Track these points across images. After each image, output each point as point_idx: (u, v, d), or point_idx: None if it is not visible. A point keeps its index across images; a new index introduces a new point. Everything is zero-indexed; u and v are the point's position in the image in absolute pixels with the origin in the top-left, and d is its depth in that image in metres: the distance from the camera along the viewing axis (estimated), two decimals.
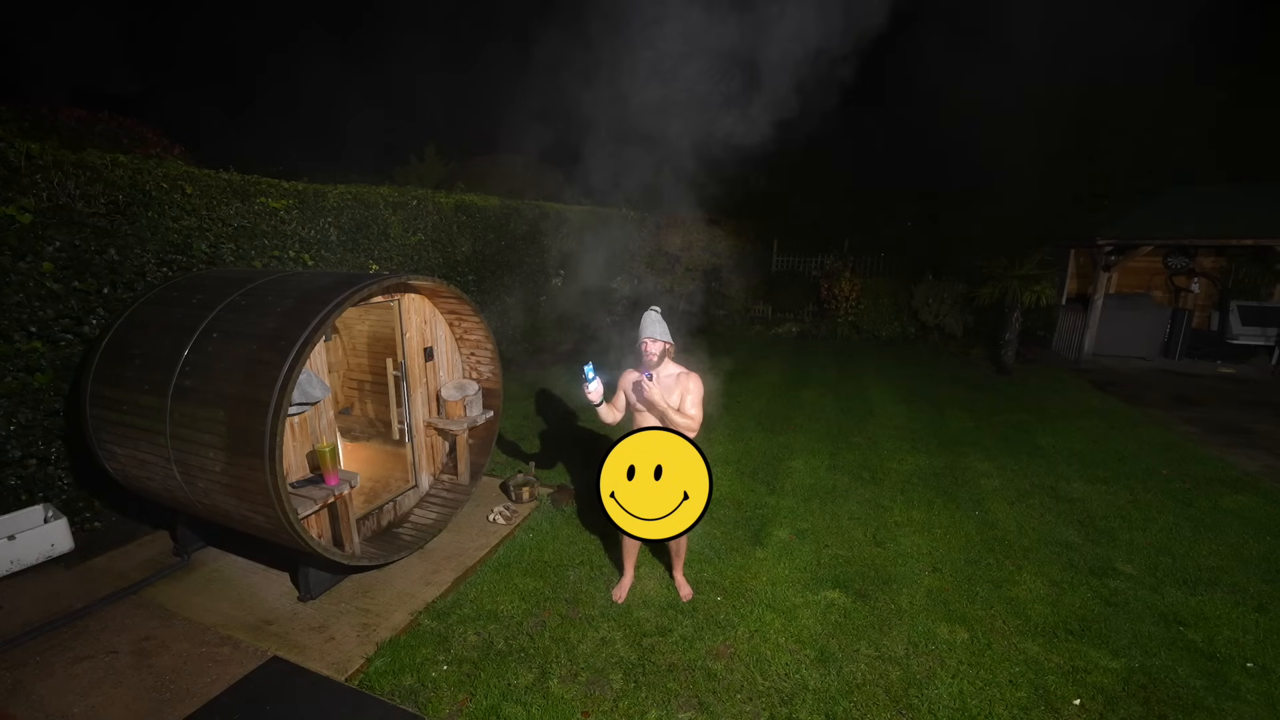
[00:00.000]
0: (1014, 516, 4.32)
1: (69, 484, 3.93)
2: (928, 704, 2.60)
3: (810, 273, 12.46)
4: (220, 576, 3.55)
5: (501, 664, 2.83)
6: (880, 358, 9.81)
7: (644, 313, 3.05)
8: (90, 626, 3.07)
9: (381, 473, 4.45)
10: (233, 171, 4.84)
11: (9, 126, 4.48)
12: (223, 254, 4.57)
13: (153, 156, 5.26)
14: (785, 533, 4.07)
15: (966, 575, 3.59)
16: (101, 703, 2.57)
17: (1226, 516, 4.32)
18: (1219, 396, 7.60)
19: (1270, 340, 9.18)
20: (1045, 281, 8.88)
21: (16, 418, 3.58)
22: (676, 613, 3.21)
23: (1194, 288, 10.01)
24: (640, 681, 2.72)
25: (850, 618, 3.18)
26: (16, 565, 3.44)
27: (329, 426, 3.42)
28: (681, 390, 2.99)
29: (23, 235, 3.48)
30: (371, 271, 5.21)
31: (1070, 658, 2.89)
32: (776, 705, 2.60)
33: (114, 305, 3.88)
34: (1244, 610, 3.25)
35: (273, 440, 2.65)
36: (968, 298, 10.27)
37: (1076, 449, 5.66)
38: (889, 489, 4.78)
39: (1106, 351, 9.64)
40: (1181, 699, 2.63)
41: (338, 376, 5.33)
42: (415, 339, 4.05)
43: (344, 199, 5.67)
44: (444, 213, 6.94)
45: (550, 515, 4.28)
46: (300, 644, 2.96)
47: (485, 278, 7.68)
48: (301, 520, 2.87)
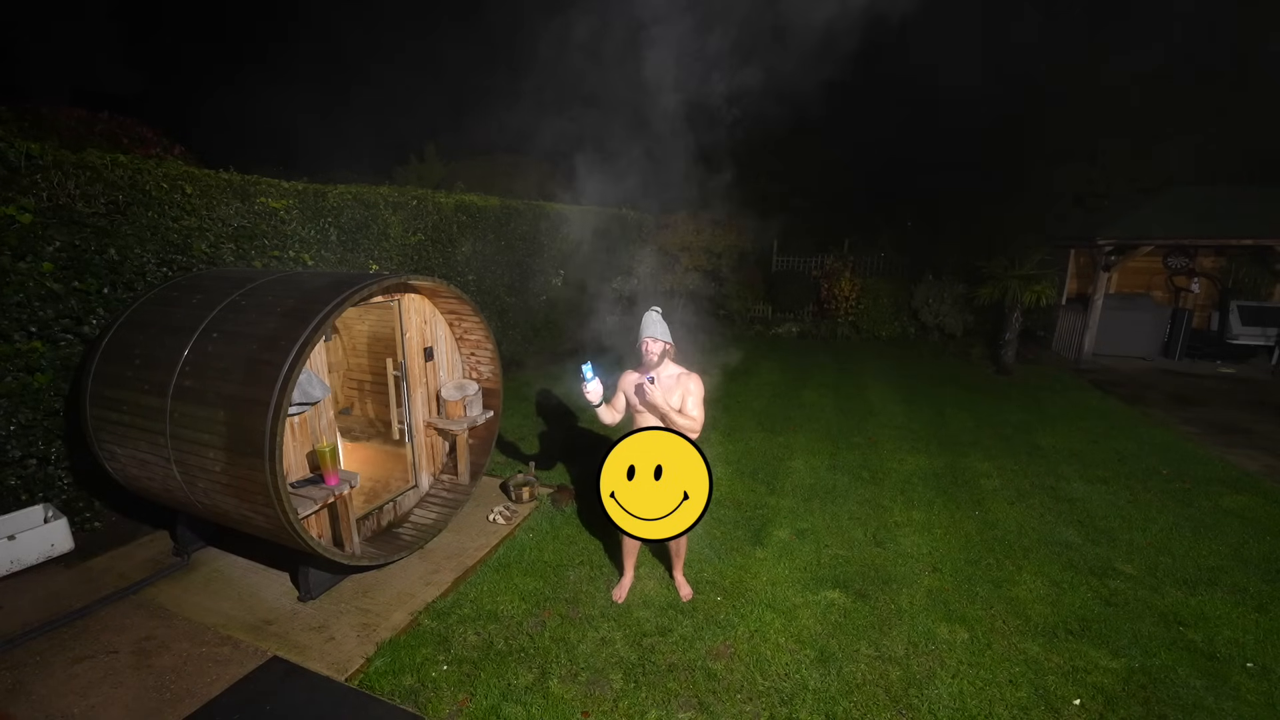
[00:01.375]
0: (1014, 516, 4.32)
1: (69, 484, 3.93)
2: (928, 704, 2.60)
3: (810, 273, 12.46)
4: (220, 576, 3.55)
5: (501, 664, 2.83)
6: (880, 358, 9.81)
7: (644, 313, 3.04)
8: (90, 626, 3.07)
9: (381, 473, 4.45)
10: (233, 171, 4.84)
11: (9, 126, 4.48)
12: (223, 254, 4.57)
13: (153, 156, 5.26)
14: (785, 533, 4.07)
15: (966, 575, 3.59)
16: (101, 703, 2.57)
17: (1226, 516, 4.32)
18: (1219, 396, 7.60)
19: (1270, 340, 9.18)
20: (1045, 281, 8.88)
21: (16, 418, 3.58)
22: (676, 613, 3.21)
23: (1194, 288, 10.01)
24: (640, 681, 2.72)
25: (850, 618, 3.18)
26: (16, 565, 3.44)
27: (329, 426, 3.42)
28: (683, 391, 2.99)
29: (23, 235, 3.48)
30: (371, 271, 5.21)
31: (1070, 658, 2.89)
32: (776, 705, 2.60)
33: (114, 305, 3.87)
34: (1244, 610, 3.25)
35: (273, 440, 2.65)
36: (968, 298, 10.27)
37: (1076, 449, 5.66)
38: (889, 489, 4.78)
39: (1106, 351, 9.63)
40: (1181, 699, 2.64)
41: (338, 376, 5.33)
42: (415, 339, 4.05)
43: (344, 199, 5.67)
44: (444, 213, 6.94)
45: (550, 515, 4.28)
46: (300, 644, 2.96)
47: (485, 278, 7.67)
48: (301, 520, 2.87)
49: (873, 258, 12.37)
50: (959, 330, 10.67)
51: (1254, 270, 9.64)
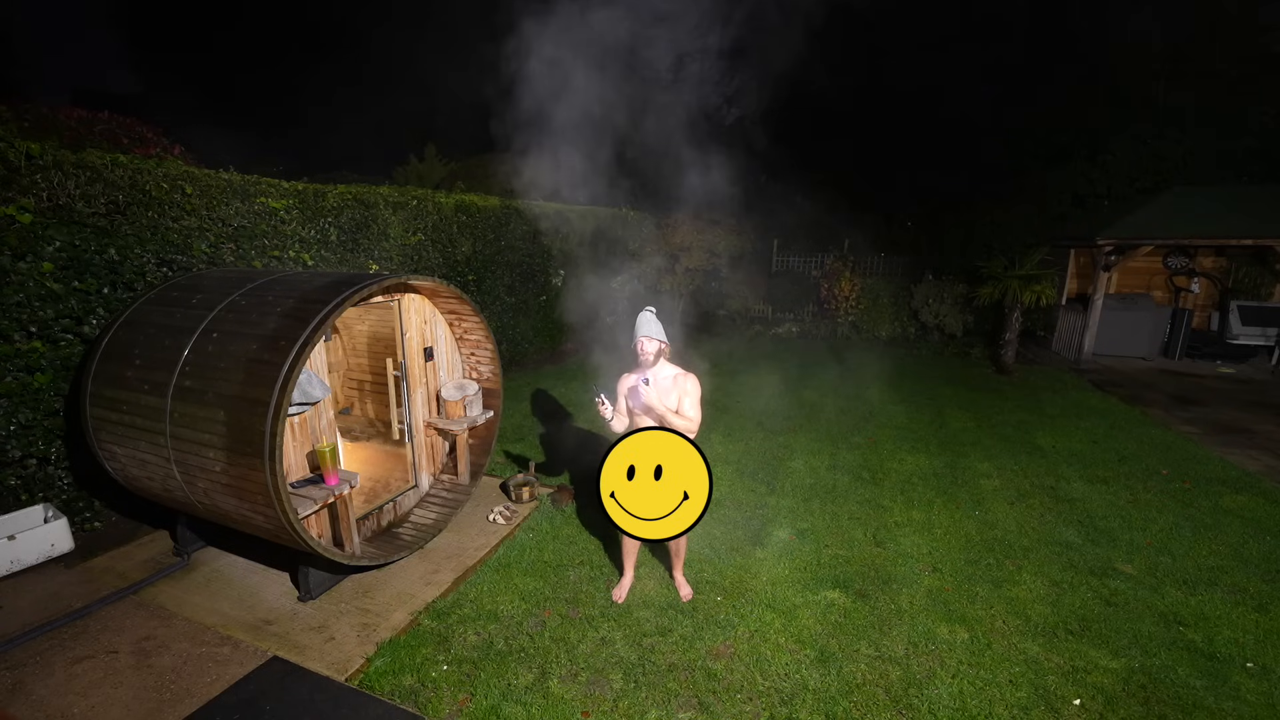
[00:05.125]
0: (1014, 516, 4.32)
1: (69, 484, 3.93)
2: (928, 704, 2.60)
3: (810, 273, 12.45)
4: (220, 576, 3.55)
5: (501, 664, 2.83)
6: (880, 358, 9.80)
7: (639, 313, 3.04)
8: (90, 626, 3.07)
9: (381, 473, 4.45)
10: (233, 171, 4.84)
11: (9, 126, 4.47)
12: (223, 254, 4.57)
13: (153, 156, 5.25)
14: (785, 533, 4.07)
15: (966, 575, 3.59)
16: (101, 703, 2.57)
17: (1226, 516, 4.32)
18: (1219, 396, 7.60)
19: (1270, 340, 9.18)
20: (1045, 281, 8.88)
21: (16, 418, 3.58)
22: (676, 613, 3.21)
23: (1194, 288, 10.01)
24: (640, 681, 2.72)
25: (850, 618, 3.18)
26: (16, 565, 3.45)
27: (329, 426, 3.42)
28: (679, 392, 2.99)
29: (23, 235, 3.48)
30: (371, 271, 5.21)
31: (1070, 658, 2.89)
32: (776, 705, 2.60)
33: (114, 305, 3.88)
34: (1244, 610, 3.25)
35: (273, 440, 2.65)
36: (968, 298, 10.27)
37: (1076, 449, 5.66)
38: (889, 489, 4.78)
39: (1106, 351, 9.63)
40: (1181, 699, 2.63)
41: (338, 376, 5.33)
42: (415, 339, 4.05)
43: (344, 199, 5.67)
44: (444, 213, 6.94)
45: (550, 515, 4.28)
46: (300, 644, 2.96)
47: (485, 278, 7.68)
48: (301, 520, 2.87)
49: (873, 258, 12.37)
50: (959, 330, 10.67)
51: (1254, 270, 9.64)
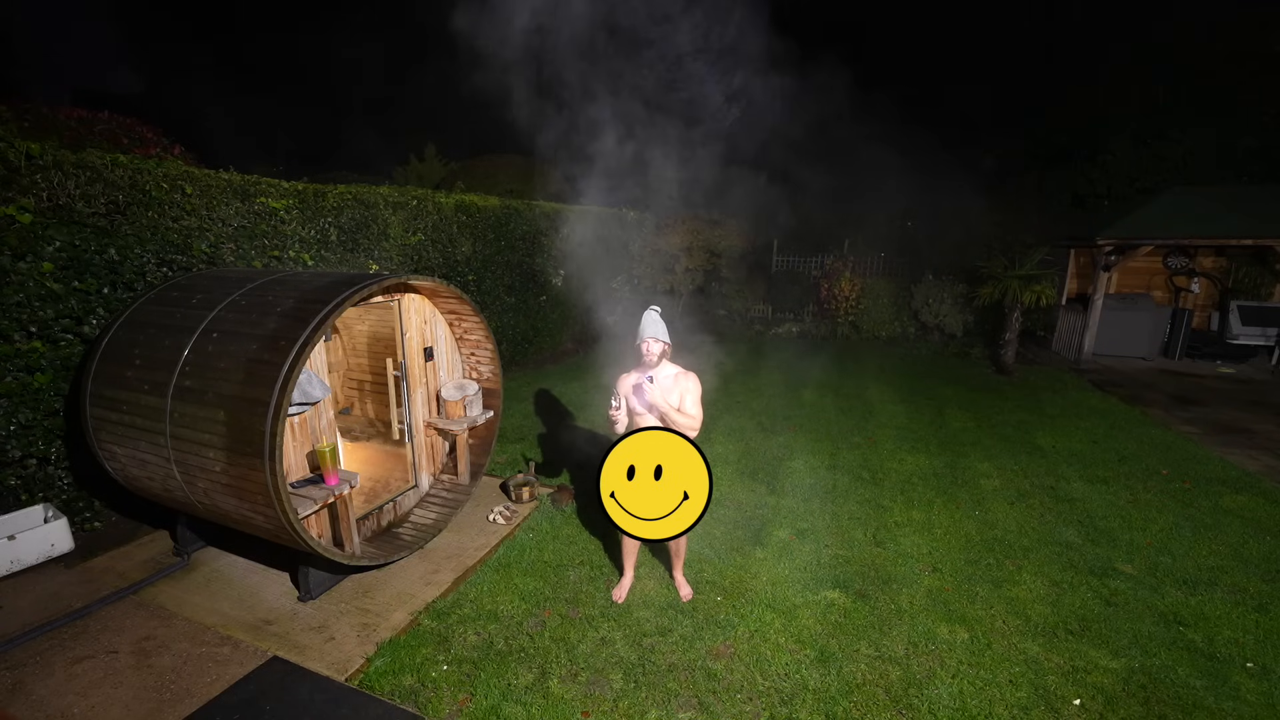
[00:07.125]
0: (1014, 516, 4.32)
1: (69, 484, 3.93)
2: (928, 704, 2.60)
3: (810, 273, 12.45)
4: (220, 576, 3.55)
5: (501, 664, 2.83)
6: (880, 358, 9.81)
7: (644, 313, 3.04)
8: (90, 626, 3.07)
9: (381, 473, 4.45)
10: (233, 171, 4.84)
11: (9, 126, 4.47)
12: (223, 254, 4.57)
13: (153, 156, 5.25)
14: (785, 533, 4.07)
15: (966, 575, 3.59)
16: (101, 703, 2.57)
17: (1226, 516, 4.32)
18: (1219, 396, 7.60)
19: (1270, 340, 9.18)
20: (1045, 281, 8.88)
21: (16, 418, 3.58)
22: (676, 613, 3.21)
23: (1194, 288, 10.01)
24: (640, 681, 2.72)
25: (850, 618, 3.18)
26: (16, 565, 3.45)
27: (329, 426, 3.42)
28: (681, 390, 2.99)
29: (23, 235, 3.48)
30: (371, 271, 5.21)
31: (1070, 658, 2.89)
32: (776, 705, 2.60)
33: (114, 305, 3.87)
34: (1244, 610, 3.25)
35: (273, 440, 2.65)
36: (968, 298, 10.27)
37: (1076, 449, 5.66)
38: (889, 489, 4.78)
39: (1106, 351, 9.63)
40: (1181, 699, 2.63)
41: (338, 376, 5.33)
42: (415, 339, 4.05)
43: (344, 199, 5.67)
44: (444, 213, 6.93)
45: (550, 515, 4.28)
46: (300, 644, 2.96)
47: (485, 278, 7.68)
48: (301, 520, 2.87)
49: (873, 258, 12.37)
50: (959, 330, 10.67)
51: (1254, 270, 9.64)
